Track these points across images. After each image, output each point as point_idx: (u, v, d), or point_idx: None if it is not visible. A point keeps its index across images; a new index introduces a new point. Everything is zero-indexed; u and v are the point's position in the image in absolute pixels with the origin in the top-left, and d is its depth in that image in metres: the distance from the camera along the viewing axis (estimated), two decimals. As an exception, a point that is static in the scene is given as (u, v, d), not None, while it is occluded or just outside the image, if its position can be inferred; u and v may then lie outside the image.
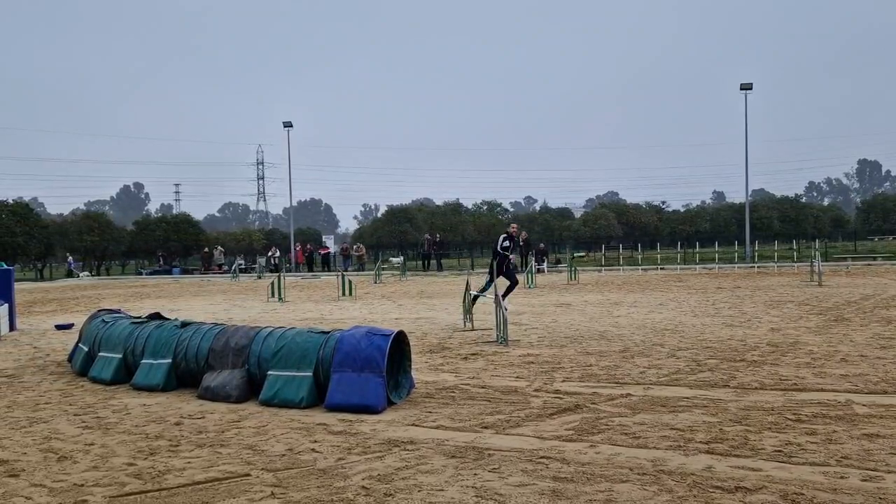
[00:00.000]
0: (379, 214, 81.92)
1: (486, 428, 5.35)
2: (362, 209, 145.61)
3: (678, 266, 33.31)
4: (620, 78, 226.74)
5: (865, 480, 3.97)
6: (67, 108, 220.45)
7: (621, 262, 36.18)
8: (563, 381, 7.12)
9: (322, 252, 43.37)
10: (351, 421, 5.63)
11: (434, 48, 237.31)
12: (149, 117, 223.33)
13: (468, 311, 11.84)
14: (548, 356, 8.64)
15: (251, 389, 6.54)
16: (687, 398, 6.17)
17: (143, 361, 7.22)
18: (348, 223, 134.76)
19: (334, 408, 5.97)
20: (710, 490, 3.87)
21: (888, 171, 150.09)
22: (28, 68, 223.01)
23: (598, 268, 34.11)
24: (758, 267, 31.42)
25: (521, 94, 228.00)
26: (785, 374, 7.11)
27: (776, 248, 39.10)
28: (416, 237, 49.69)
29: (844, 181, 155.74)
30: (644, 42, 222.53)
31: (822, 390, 6.32)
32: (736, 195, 58.79)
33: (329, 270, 38.64)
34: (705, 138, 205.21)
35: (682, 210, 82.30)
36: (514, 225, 16.07)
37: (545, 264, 32.29)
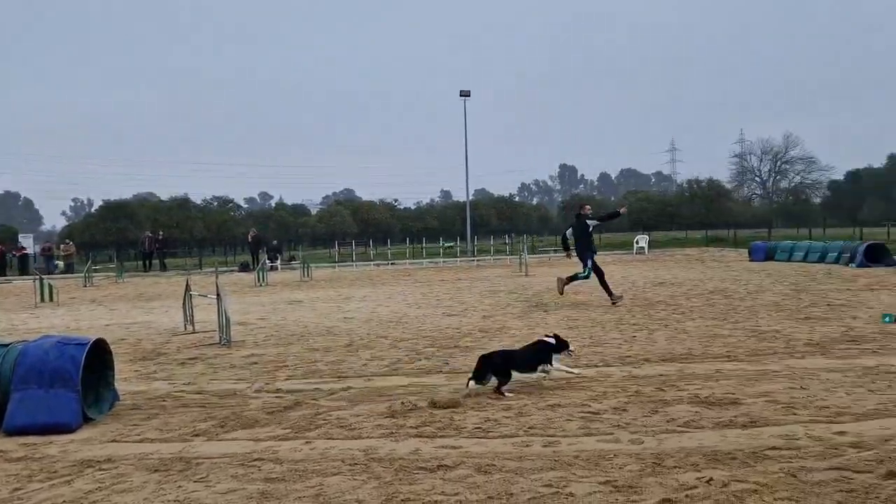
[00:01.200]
0: (93, 210, 73.62)
1: (197, 436, 5.07)
2: (73, 204, 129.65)
3: (407, 261, 34.94)
4: (365, 82, 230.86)
5: (546, 446, 4.51)
6: None
7: (355, 259, 36.91)
8: (286, 379, 7.05)
9: (17, 253, 37.71)
10: (36, 444, 4.96)
11: (147, 37, 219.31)
12: None
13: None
14: (272, 355, 8.47)
15: None
16: (404, 386, 6.47)
17: None
18: (55, 220, 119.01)
19: (16, 431, 5.21)
20: (415, 472, 4.10)
21: (582, 175, 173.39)
22: None
23: (333, 264, 34.41)
24: (477, 260, 34.20)
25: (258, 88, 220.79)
26: (490, 356, 7.81)
27: (492, 242, 42.92)
28: (137, 235, 45.53)
29: (549, 183, 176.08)
30: (384, 50, 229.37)
31: (520, 369, 7.05)
32: (461, 194, 63.57)
33: (28, 274, 33.70)
34: (435, 141, 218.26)
35: (412, 208, 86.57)
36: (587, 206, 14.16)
37: (279, 262, 31.73)
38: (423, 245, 39.27)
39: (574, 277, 13.07)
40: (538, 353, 6.26)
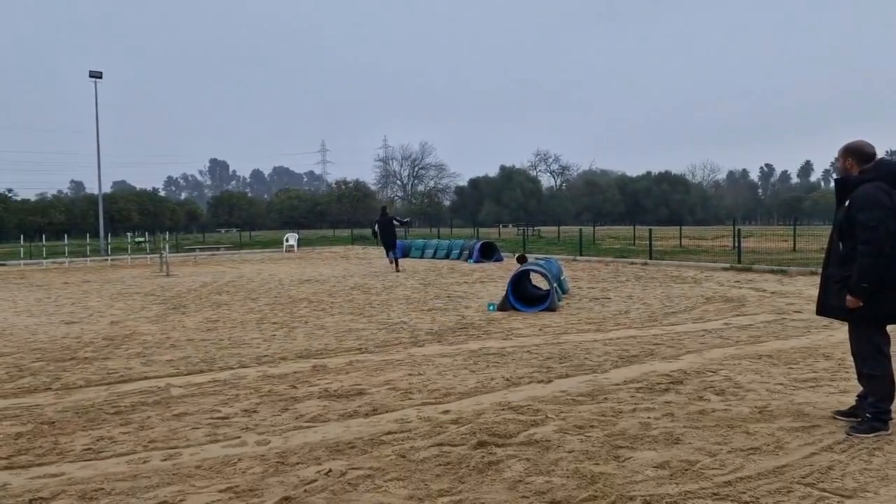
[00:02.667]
0: None
1: None
2: None
3: (22, 261, 30.05)
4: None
5: (165, 460, 4.24)
6: None
7: (-51, 259, 30.47)
8: None
9: None
10: None
11: None
12: None
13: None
14: None
15: None
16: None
17: None
18: None
19: None
20: (-1, 511, 3.51)
21: (234, 171, 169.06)
22: None
23: (-84, 266, 27.90)
24: (112, 259, 30.96)
25: None
26: (114, 366, 7.11)
27: (130, 240, 39.28)
28: None
29: (199, 178, 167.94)
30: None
31: (147, 378, 6.55)
32: (95, 186, 56.57)
33: None
34: (64, 125, 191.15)
35: (33, 200, 74.88)
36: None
37: None
38: (44, 243, 34.06)
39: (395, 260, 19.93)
40: None
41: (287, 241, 36.76)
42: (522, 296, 11.12)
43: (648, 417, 4.90)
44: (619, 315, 10.14)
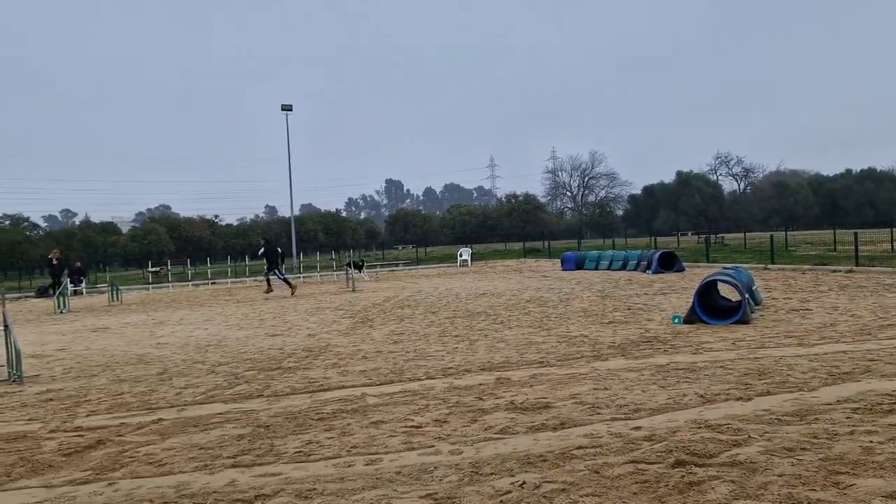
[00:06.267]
0: None
1: (-25, 489, 4.47)
2: None
3: (229, 280, 33.44)
4: (167, 87, 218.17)
5: (368, 465, 4.50)
6: None
7: (171, 279, 34.65)
8: (88, 415, 6.43)
9: None
10: None
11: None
12: None
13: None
14: (72, 389, 7.70)
15: None
16: (220, 414, 6.16)
17: None
18: None
19: None
20: (230, 504, 3.91)
21: (408, 189, 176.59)
22: None
23: (146, 285, 32.06)
24: (303, 277, 33.51)
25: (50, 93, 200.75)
26: (314, 376, 7.67)
27: (318, 258, 42.28)
28: None
29: (376, 197, 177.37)
30: (196, 59, 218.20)
31: (344, 387, 6.99)
32: (287, 210, 61.94)
33: None
34: (258, 154, 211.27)
35: (235, 224, 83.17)
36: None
37: (83, 285, 29.00)
38: (247, 263, 37.68)
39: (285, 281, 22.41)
40: None
41: (461, 255, 37.69)
42: (710, 307, 10.52)
43: (871, 441, 4.41)
44: (824, 328, 9.25)
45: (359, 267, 29.15)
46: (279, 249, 23.64)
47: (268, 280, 22.56)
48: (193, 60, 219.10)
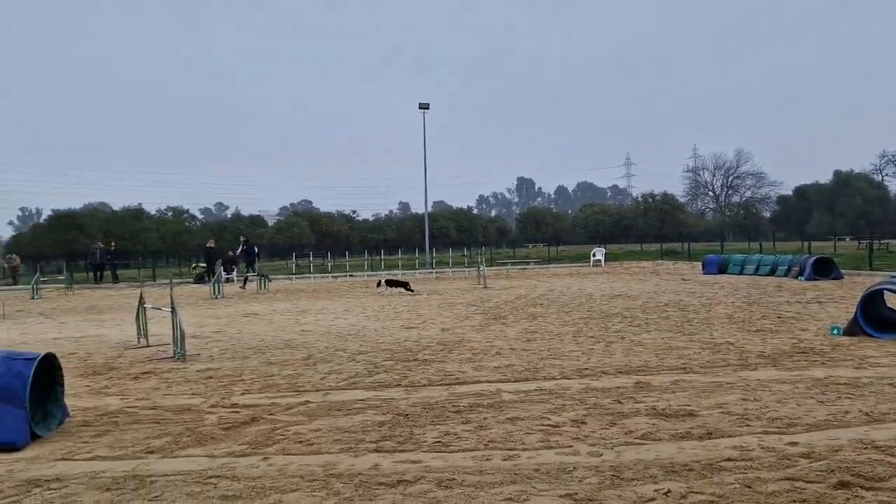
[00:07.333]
0: (41, 220, 71.39)
1: (151, 453, 4.93)
2: (20, 214, 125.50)
3: (366, 273, 34.74)
4: (311, 91, 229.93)
5: (505, 460, 4.51)
6: None
7: (312, 270, 36.51)
8: (243, 394, 6.91)
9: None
10: (-21, 464, 4.75)
11: (93, 43, 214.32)
12: None
13: (144, 328, 10.88)
14: (228, 369, 8.31)
15: None
16: (362, 400, 6.41)
17: None
18: (1, 230, 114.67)
19: (-42, 450, 4.99)
20: (375, 487, 4.05)
21: (540, 188, 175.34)
22: None
23: (289, 276, 34.00)
24: (436, 272, 34.19)
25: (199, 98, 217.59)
26: (450, 369, 7.80)
27: (451, 254, 42.96)
28: (88, 246, 44.25)
29: (507, 195, 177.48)
30: (343, 62, 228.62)
31: (479, 382, 7.06)
32: (419, 206, 63.58)
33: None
34: (394, 153, 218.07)
35: (371, 219, 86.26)
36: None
37: (234, 273, 31.20)
38: (382, 257, 39.04)
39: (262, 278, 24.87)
40: None
41: (594, 255, 36.94)
42: (876, 319, 9.63)
43: None
44: None
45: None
46: (256, 249, 26.58)
47: (245, 279, 25.24)
48: (343, 65, 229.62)
